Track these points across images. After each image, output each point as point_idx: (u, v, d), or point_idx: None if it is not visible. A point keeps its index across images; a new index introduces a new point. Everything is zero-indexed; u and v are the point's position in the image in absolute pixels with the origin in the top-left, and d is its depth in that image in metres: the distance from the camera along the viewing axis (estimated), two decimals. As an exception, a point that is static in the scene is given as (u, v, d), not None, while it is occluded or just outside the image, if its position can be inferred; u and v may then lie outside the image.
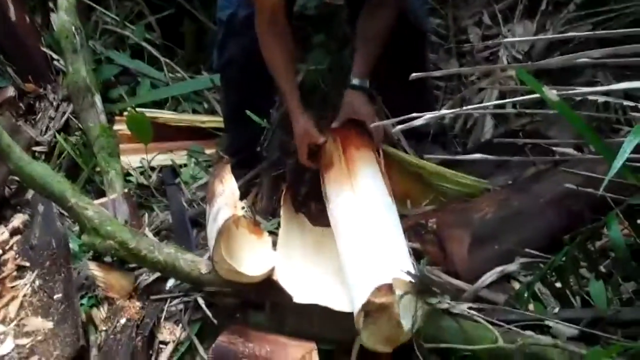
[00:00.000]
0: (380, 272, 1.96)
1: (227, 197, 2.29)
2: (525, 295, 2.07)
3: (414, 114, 1.96)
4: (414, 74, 1.90)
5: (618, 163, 1.55)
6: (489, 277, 2.16)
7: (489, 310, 2.05)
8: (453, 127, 3.26)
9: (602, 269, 2.06)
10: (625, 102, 1.97)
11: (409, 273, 1.95)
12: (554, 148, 2.54)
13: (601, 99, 1.98)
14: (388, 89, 2.90)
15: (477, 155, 2.25)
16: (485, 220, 2.41)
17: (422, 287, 1.95)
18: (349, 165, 2.44)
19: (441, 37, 3.66)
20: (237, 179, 2.47)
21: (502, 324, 1.96)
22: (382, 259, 2.03)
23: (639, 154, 1.91)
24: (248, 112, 2.81)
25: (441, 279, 2.23)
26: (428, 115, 1.97)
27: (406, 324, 1.93)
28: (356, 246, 2.14)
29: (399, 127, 1.97)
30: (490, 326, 1.94)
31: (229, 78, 3.01)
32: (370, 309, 1.90)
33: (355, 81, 2.65)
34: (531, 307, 2.09)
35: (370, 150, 2.54)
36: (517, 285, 2.27)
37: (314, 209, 2.70)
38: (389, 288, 1.90)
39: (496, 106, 2.83)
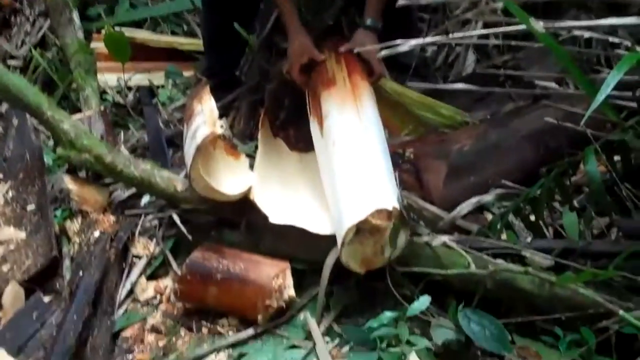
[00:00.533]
0: (382, 196, 1.97)
1: (205, 116, 2.27)
2: (499, 225, 2.10)
3: (398, 40, 1.96)
4: (400, 1, 1.90)
5: (601, 96, 1.56)
6: (465, 207, 2.18)
7: (463, 238, 2.07)
8: (435, 60, 3.24)
9: (576, 204, 2.08)
10: (611, 38, 1.96)
11: (399, 201, 1.96)
12: (536, 83, 2.55)
13: (586, 34, 1.96)
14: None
15: (459, 85, 2.26)
16: (463, 152, 2.43)
17: (406, 215, 1.96)
18: (354, 89, 2.41)
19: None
20: (215, 101, 2.45)
21: (474, 251, 1.99)
22: (381, 184, 2.03)
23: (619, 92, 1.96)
24: (236, 26, 2.76)
25: (419, 205, 2.24)
26: (412, 41, 1.97)
27: (387, 251, 1.97)
28: (356, 165, 2.12)
29: (384, 52, 1.97)
30: (463, 252, 1.96)
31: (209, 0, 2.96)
32: (364, 228, 1.92)
33: (368, 21, 2.62)
34: (504, 237, 2.12)
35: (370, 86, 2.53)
36: (491, 217, 2.30)
37: (292, 134, 2.69)
38: (388, 214, 1.93)
39: (480, 38, 2.81)
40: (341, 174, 2.12)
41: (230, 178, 2.29)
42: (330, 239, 2.06)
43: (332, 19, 3.04)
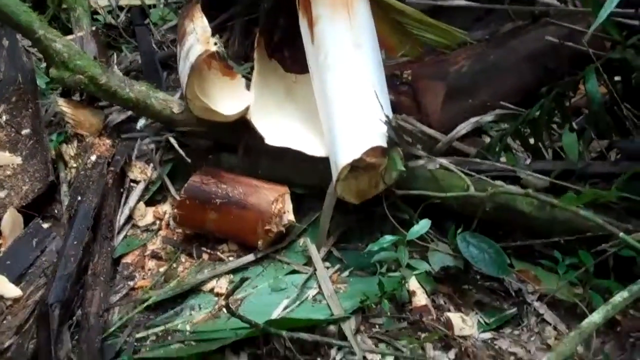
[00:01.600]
0: (376, 133, 1.95)
1: (198, 35, 2.22)
2: (498, 147, 2.09)
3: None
4: None
5: (604, 14, 1.53)
6: (463, 127, 2.16)
7: (461, 161, 2.07)
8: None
9: (575, 125, 2.07)
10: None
11: (388, 123, 1.94)
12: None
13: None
14: None
15: (460, 2, 2.22)
16: (461, 73, 2.39)
17: (399, 139, 1.95)
18: None
19: None
20: (209, 21, 2.40)
21: (473, 173, 1.99)
22: (375, 118, 1.99)
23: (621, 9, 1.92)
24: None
25: (415, 127, 2.22)
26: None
27: (381, 184, 1.99)
28: (350, 93, 2.07)
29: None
30: (461, 174, 1.96)
31: None
32: (359, 166, 1.92)
33: None
34: (503, 159, 2.12)
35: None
36: (489, 140, 2.29)
37: (287, 56, 2.64)
38: (382, 151, 1.93)
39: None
40: (335, 102, 2.08)
41: (227, 98, 2.25)
42: (327, 162, 2.06)
43: None
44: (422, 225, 1.87)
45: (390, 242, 1.88)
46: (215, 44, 2.13)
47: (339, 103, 2.07)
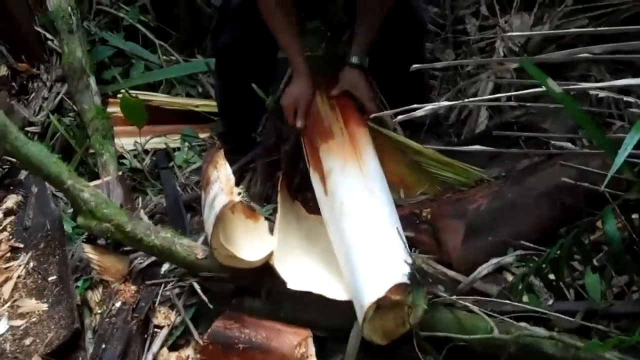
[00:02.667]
0: (398, 270, 1.97)
1: (222, 183, 2.29)
2: (520, 286, 2.09)
3: (415, 105, 1.97)
4: (414, 66, 1.92)
5: (620, 159, 1.57)
6: (484, 268, 2.17)
7: (484, 301, 2.07)
8: (447, 117, 3.27)
9: (595, 262, 2.07)
10: (626, 98, 1.98)
11: (411, 266, 1.97)
12: (549, 141, 2.56)
13: (601, 94, 1.99)
14: (385, 77, 2.91)
15: (475, 147, 2.27)
16: (480, 211, 2.42)
17: (422, 282, 1.97)
18: (353, 141, 2.43)
19: (438, 26, 3.66)
20: (231, 164, 2.47)
21: (496, 315, 1.98)
22: (396, 255, 2.02)
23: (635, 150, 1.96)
24: (254, 86, 2.80)
25: (436, 269, 2.24)
26: (428, 106, 1.98)
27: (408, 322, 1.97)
28: (368, 234, 2.11)
29: (399, 117, 1.98)
30: (485, 316, 1.95)
31: (222, 65, 2.99)
32: (385, 305, 1.92)
33: (354, 59, 2.65)
34: (525, 299, 2.11)
35: (367, 130, 2.55)
36: (510, 277, 2.30)
37: (309, 197, 2.70)
38: (405, 287, 1.93)
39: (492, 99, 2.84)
40: (354, 244, 2.11)
41: (251, 243, 2.29)
42: (350, 305, 2.06)
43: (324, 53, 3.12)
44: (447, 370, 1.86)
45: (415, 387, 1.86)
46: (239, 193, 2.18)
47: (359, 245, 2.09)
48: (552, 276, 2.11)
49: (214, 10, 2.83)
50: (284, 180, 2.69)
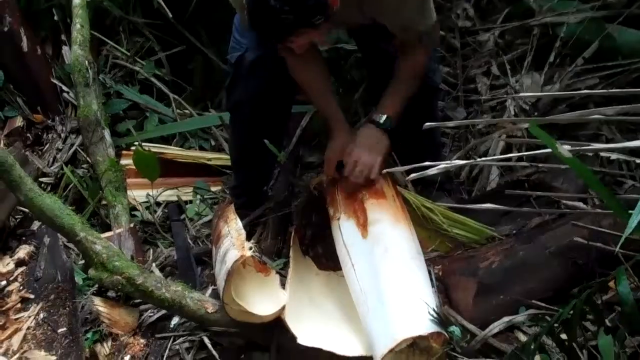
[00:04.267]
0: (442, 321, 2.00)
1: (233, 238, 2.31)
2: (532, 346, 2.07)
3: (427, 163, 1.98)
4: (426, 124, 1.94)
5: (634, 221, 1.57)
6: (496, 326, 2.16)
7: (496, 361, 2.06)
8: (459, 175, 3.28)
9: (607, 322, 2.06)
10: (638, 160, 1.99)
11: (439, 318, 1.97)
12: (561, 200, 2.57)
13: (613, 156, 2.00)
14: (398, 136, 2.92)
15: (486, 205, 2.27)
16: (491, 269, 2.42)
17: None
18: (403, 210, 2.46)
19: (449, 85, 3.70)
20: (241, 218, 2.48)
21: (510, 375, 1.97)
22: (432, 305, 2.05)
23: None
24: (266, 142, 2.80)
25: (456, 319, 2.24)
26: (441, 165, 1.99)
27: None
28: (416, 280, 2.16)
29: (412, 175, 1.99)
30: (498, 377, 1.94)
31: (237, 120, 3.01)
32: (420, 343, 1.92)
33: (380, 118, 2.58)
34: (537, 359, 2.10)
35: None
36: (521, 336, 2.28)
37: (321, 253, 2.70)
38: (444, 340, 1.95)
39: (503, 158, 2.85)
40: (394, 285, 2.12)
41: (262, 297, 2.29)
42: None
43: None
44: None
45: None
46: (251, 248, 2.20)
47: (400, 287, 2.12)
48: (564, 336, 2.10)
49: (230, 66, 2.85)
50: (296, 234, 2.69)
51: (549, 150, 1.83)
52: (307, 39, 2.26)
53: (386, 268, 2.18)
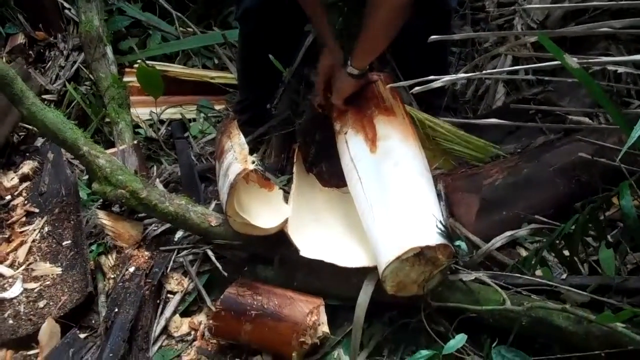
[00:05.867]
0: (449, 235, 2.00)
1: (236, 152, 2.30)
2: (533, 260, 2.09)
3: (431, 77, 1.96)
4: (432, 37, 1.90)
5: (636, 134, 1.55)
6: (498, 240, 2.16)
7: (497, 275, 2.07)
8: (464, 94, 3.24)
9: (610, 239, 2.06)
10: (643, 73, 1.97)
11: (446, 232, 1.98)
12: (566, 117, 2.55)
13: (620, 69, 1.97)
14: (407, 58, 2.88)
15: (492, 120, 2.26)
16: (495, 186, 2.42)
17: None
18: (412, 128, 2.41)
19: (457, 3, 3.63)
20: (245, 136, 2.47)
21: (510, 286, 1.99)
22: (441, 219, 2.04)
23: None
24: (270, 57, 2.76)
25: (461, 232, 2.25)
26: (445, 78, 1.97)
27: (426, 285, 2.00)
28: (426, 193, 2.13)
29: (417, 88, 1.97)
30: (498, 288, 1.95)
31: (245, 29, 2.95)
32: (427, 254, 1.92)
33: (349, 69, 2.46)
34: (538, 273, 2.11)
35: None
36: (524, 252, 2.30)
37: (324, 170, 2.70)
38: (450, 252, 1.94)
39: (510, 73, 2.81)
40: (403, 197, 2.10)
41: (266, 211, 2.30)
42: (362, 275, 2.09)
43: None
44: (458, 340, 1.84)
45: (426, 356, 1.85)
46: (253, 162, 2.19)
47: (409, 199, 2.10)
48: (566, 251, 2.11)
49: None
50: (299, 152, 2.68)
51: (556, 62, 1.81)
52: None
53: (395, 181, 2.16)
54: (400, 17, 2.29)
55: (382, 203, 2.11)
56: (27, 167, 3.03)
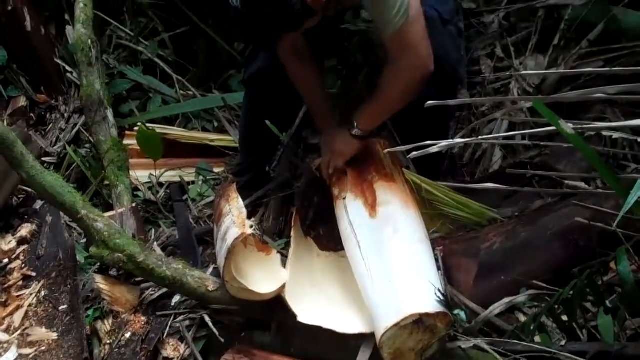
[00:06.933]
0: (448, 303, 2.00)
1: (234, 216, 2.30)
2: (532, 326, 2.07)
3: (428, 142, 1.98)
4: (428, 102, 1.93)
5: (633, 199, 1.56)
6: (496, 307, 2.15)
7: (496, 341, 2.05)
8: (462, 157, 3.27)
9: (608, 304, 2.06)
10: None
11: (445, 300, 1.98)
12: (563, 181, 2.56)
13: (615, 135, 1.99)
14: (407, 121, 2.90)
15: (488, 185, 2.27)
16: (492, 250, 2.41)
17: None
18: (413, 197, 2.45)
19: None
20: (244, 199, 2.48)
21: (508, 353, 1.97)
22: (440, 287, 2.05)
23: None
24: (267, 123, 2.80)
25: (460, 300, 2.24)
26: (442, 143, 1.99)
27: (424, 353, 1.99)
28: (425, 261, 2.16)
29: (415, 153, 1.99)
30: (497, 356, 1.94)
31: (251, 92, 3.02)
32: (425, 321, 1.92)
33: (356, 132, 2.54)
34: (537, 339, 2.10)
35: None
36: (521, 317, 2.28)
37: (322, 234, 2.70)
38: (448, 321, 1.94)
39: (506, 137, 2.83)
40: (401, 265, 2.12)
41: (263, 275, 2.29)
42: (360, 341, 2.08)
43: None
44: (457, 409, 1.84)
45: None
46: (251, 226, 2.20)
47: (408, 266, 2.12)
48: (564, 317, 2.09)
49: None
50: (297, 215, 2.69)
51: (552, 128, 1.83)
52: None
53: (395, 248, 2.17)
54: (419, 89, 2.38)
55: (380, 269, 2.11)
56: (25, 230, 3.04)
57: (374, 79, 3.18)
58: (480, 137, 2.27)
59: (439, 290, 1.98)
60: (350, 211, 2.39)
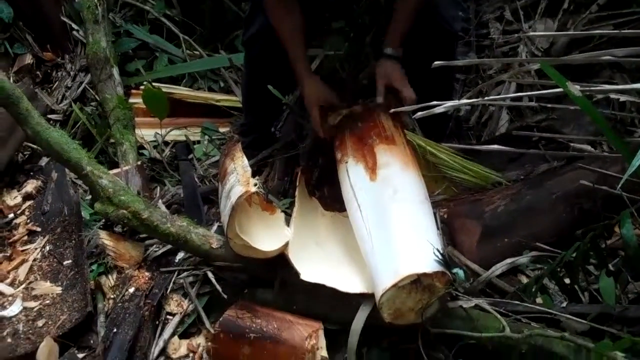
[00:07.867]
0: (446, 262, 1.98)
1: (239, 175, 2.30)
2: (534, 288, 2.08)
3: (434, 102, 1.97)
4: (436, 62, 1.92)
5: (638, 161, 1.56)
6: (499, 267, 2.16)
7: (498, 302, 2.06)
8: (468, 120, 3.26)
9: (611, 267, 2.06)
10: (646, 101, 1.97)
11: (444, 259, 1.97)
12: (569, 144, 2.55)
13: (622, 97, 1.97)
14: (413, 84, 2.90)
15: (494, 146, 2.26)
16: (497, 213, 2.42)
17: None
18: (413, 157, 2.43)
19: (462, 30, 3.64)
20: (249, 159, 2.47)
21: (509, 314, 1.98)
22: (439, 246, 2.03)
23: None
24: (269, 87, 2.80)
25: (460, 260, 2.24)
26: (448, 104, 1.98)
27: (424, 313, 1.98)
28: (425, 221, 2.14)
29: (420, 114, 1.98)
30: (498, 315, 1.94)
31: (251, 54, 3.00)
32: (423, 281, 1.91)
33: (388, 50, 2.64)
34: (539, 300, 2.10)
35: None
36: (524, 279, 2.29)
37: (327, 194, 2.70)
38: (447, 280, 1.93)
39: (514, 99, 2.82)
40: (401, 225, 2.10)
41: (267, 234, 2.28)
42: (362, 300, 2.08)
43: (368, 79, 3.06)
44: (457, 367, 1.85)
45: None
46: (256, 184, 2.18)
47: (407, 227, 2.10)
48: (567, 279, 2.10)
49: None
50: (302, 175, 2.69)
51: (559, 90, 1.82)
52: None
53: (394, 209, 2.16)
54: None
55: (380, 231, 2.11)
56: (30, 186, 3.04)
57: (380, 42, 3.16)
58: (486, 98, 2.24)
59: (437, 249, 1.97)
60: (352, 175, 2.39)
